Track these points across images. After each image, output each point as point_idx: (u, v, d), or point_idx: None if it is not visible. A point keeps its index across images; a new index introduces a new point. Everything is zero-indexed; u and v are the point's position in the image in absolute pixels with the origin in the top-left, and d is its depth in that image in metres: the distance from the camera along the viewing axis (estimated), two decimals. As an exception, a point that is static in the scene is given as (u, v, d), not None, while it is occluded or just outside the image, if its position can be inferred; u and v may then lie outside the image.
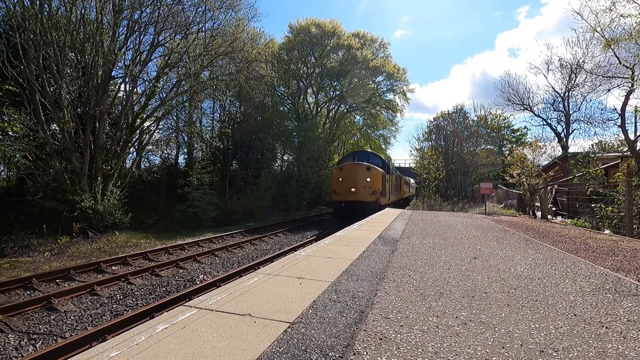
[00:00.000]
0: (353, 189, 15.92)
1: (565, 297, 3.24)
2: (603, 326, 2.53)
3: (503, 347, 2.13)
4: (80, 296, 6.97)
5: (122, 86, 18.07)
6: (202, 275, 8.94)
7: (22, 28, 12.96)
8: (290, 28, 35.22)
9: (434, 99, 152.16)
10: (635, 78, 13.60)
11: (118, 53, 16.16)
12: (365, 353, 2.01)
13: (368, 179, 15.97)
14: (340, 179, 16.37)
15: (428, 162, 35.43)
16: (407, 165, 46.94)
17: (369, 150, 26.33)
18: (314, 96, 37.00)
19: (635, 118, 17.42)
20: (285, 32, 52.55)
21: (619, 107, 15.99)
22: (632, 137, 13.73)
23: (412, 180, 44.18)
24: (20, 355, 4.84)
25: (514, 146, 31.72)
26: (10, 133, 13.81)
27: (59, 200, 14.09)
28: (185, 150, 28.74)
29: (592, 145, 19.84)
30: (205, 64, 19.56)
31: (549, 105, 32.73)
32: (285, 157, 33.45)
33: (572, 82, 29.28)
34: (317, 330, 2.29)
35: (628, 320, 2.65)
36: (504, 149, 42.91)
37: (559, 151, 27.55)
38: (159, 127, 22.78)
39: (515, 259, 5.09)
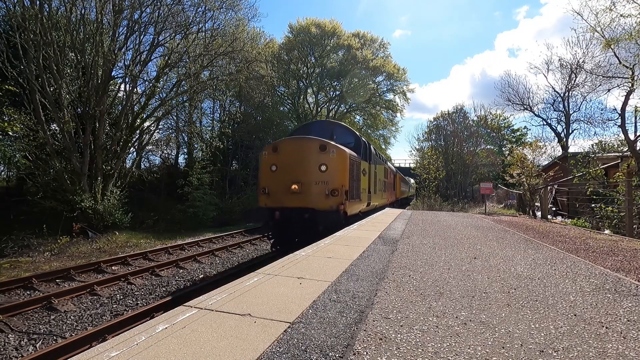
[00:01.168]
0: (294, 186, 8.53)
1: (565, 297, 3.24)
2: (603, 326, 2.53)
3: (503, 347, 2.13)
4: (80, 296, 6.97)
5: (122, 86, 18.11)
6: (201, 275, 8.95)
7: (22, 28, 12.97)
8: (290, 28, 35.27)
9: (434, 99, 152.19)
10: (635, 78, 13.61)
11: (118, 53, 16.17)
12: (365, 353, 2.01)
13: (323, 167, 8.63)
14: (274, 168, 8.88)
15: (428, 162, 35.46)
16: (407, 165, 46.95)
17: (338, 122, 14.64)
18: (314, 96, 37.02)
19: (635, 118, 17.45)
20: (285, 32, 52.65)
21: (619, 107, 16.01)
22: (632, 137, 13.73)
23: (412, 180, 44.20)
24: (20, 355, 4.84)
25: (514, 146, 31.74)
26: (10, 133, 13.81)
27: (59, 200, 14.10)
28: (185, 150, 28.81)
29: (592, 145, 19.88)
30: (205, 64, 19.58)
31: (549, 105, 32.79)
32: (285, 157, 33.42)
33: (572, 82, 29.32)
34: (317, 330, 2.29)
35: (628, 320, 2.65)
36: (504, 149, 42.94)
37: (559, 151, 27.57)
38: (159, 127, 22.84)
39: (515, 259, 5.09)
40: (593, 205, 12.73)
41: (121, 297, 7.19)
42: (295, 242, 8.55)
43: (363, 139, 11.55)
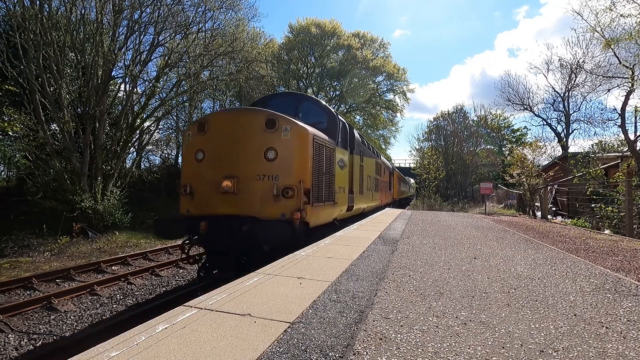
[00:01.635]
0: (227, 183, 5.73)
1: (565, 297, 3.24)
2: (603, 326, 2.52)
3: (503, 347, 2.13)
4: (80, 296, 6.97)
5: (122, 86, 18.12)
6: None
7: (22, 28, 12.98)
8: (291, 28, 35.30)
9: (434, 99, 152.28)
10: (635, 78, 13.62)
11: (118, 53, 16.18)
12: (365, 353, 2.01)
13: (270, 154, 5.85)
14: (200, 156, 6.13)
15: (428, 162, 35.49)
16: (407, 165, 46.98)
17: (307, 95, 11.77)
18: (314, 96, 37.04)
19: (635, 118, 17.47)
20: (285, 32, 52.67)
21: (619, 107, 16.03)
22: (632, 137, 13.75)
23: (412, 180, 44.23)
24: (20, 355, 4.84)
25: (514, 146, 31.76)
26: (10, 133, 13.83)
27: (59, 200, 14.10)
28: (185, 150, 28.74)
29: (592, 145, 19.92)
30: (205, 64, 19.59)
31: (549, 105, 32.84)
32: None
33: (572, 82, 29.36)
34: (317, 330, 2.29)
35: (628, 320, 2.65)
36: (504, 149, 42.98)
37: (559, 151, 27.58)
38: (159, 127, 22.86)
39: (515, 259, 5.09)
40: (593, 205, 12.73)
41: (121, 297, 7.19)
42: (242, 265, 5.93)
43: (343, 119, 8.77)
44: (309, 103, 8.59)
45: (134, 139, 19.09)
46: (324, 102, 8.86)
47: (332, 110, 8.49)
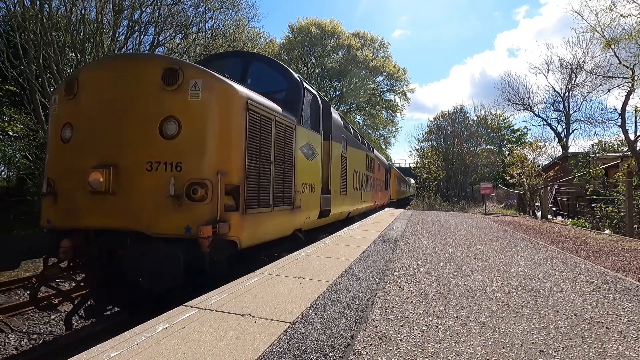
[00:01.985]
0: (96, 176, 3.38)
1: (565, 297, 3.24)
2: (603, 326, 2.52)
3: (503, 347, 2.13)
4: (81, 296, 6.96)
5: (122, 86, 18.10)
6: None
7: (23, 28, 12.99)
8: (291, 28, 35.32)
9: (434, 99, 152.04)
10: (635, 78, 13.63)
11: (118, 53, 16.18)
12: (365, 353, 2.01)
13: (170, 127, 3.46)
14: (68, 134, 3.75)
15: (428, 162, 35.52)
16: (407, 165, 47.01)
17: (261, 54, 8.45)
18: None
19: (635, 118, 17.48)
20: (286, 32, 52.70)
21: (619, 107, 16.06)
22: (632, 137, 13.76)
23: (412, 180, 44.25)
24: (20, 355, 4.84)
25: (514, 146, 31.80)
26: (10, 133, 13.82)
27: (59, 200, 14.10)
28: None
29: (592, 145, 19.95)
30: (205, 64, 19.59)
31: (549, 105, 32.87)
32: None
33: (572, 82, 29.38)
34: (317, 330, 2.29)
35: (628, 320, 2.65)
36: (504, 149, 43.02)
37: (559, 151, 27.59)
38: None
39: (516, 259, 5.09)
40: (593, 205, 12.74)
41: (121, 297, 7.18)
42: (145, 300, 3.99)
43: (313, 90, 6.54)
44: (260, 63, 6.00)
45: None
46: (283, 64, 6.31)
47: (296, 75, 6.01)
